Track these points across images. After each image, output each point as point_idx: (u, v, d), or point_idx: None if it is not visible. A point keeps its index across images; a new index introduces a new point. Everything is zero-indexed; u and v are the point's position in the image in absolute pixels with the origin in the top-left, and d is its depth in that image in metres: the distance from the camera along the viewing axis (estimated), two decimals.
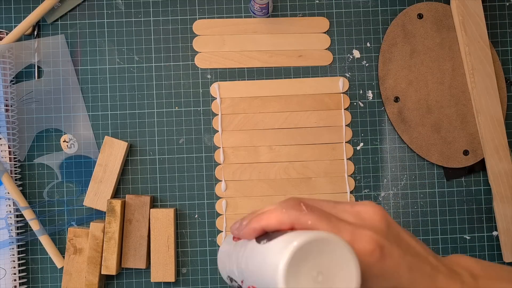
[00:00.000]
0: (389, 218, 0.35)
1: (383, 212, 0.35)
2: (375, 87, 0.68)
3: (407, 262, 0.34)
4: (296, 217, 0.33)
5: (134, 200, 0.65)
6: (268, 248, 0.33)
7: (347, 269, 0.31)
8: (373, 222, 0.34)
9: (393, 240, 0.34)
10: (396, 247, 0.34)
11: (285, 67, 0.68)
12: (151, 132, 0.67)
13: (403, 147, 0.68)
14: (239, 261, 0.38)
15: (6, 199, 0.65)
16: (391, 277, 0.34)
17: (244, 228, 0.36)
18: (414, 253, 0.35)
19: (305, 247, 0.31)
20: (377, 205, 0.35)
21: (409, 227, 0.67)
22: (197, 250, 0.66)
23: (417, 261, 0.35)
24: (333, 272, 0.32)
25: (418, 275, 0.34)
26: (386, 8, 0.68)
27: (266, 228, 0.35)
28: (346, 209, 0.35)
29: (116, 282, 0.66)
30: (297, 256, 0.31)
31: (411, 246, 0.35)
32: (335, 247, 0.31)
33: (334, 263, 0.31)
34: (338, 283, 0.31)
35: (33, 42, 0.67)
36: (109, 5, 0.68)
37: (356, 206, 0.35)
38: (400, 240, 0.35)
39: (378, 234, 0.33)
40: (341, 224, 0.33)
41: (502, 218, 0.65)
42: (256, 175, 0.67)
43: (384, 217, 0.35)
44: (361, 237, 0.33)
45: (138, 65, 0.68)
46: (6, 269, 0.64)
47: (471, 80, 0.66)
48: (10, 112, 0.66)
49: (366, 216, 0.34)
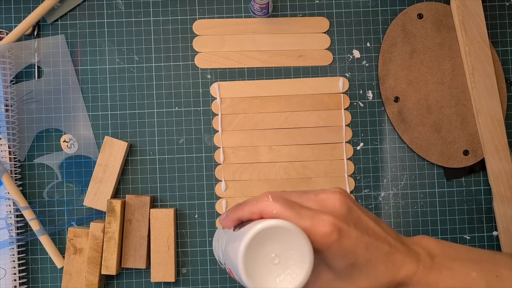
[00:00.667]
0: (350, 203, 0.39)
1: (344, 198, 0.39)
2: (375, 87, 0.68)
3: (364, 241, 0.38)
4: (263, 208, 0.38)
5: (134, 200, 0.65)
6: (236, 235, 0.38)
7: (301, 252, 0.35)
8: (334, 207, 0.38)
9: (352, 223, 0.38)
10: (354, 229, 0.37)
11: (285, 67, 0.68)
12: (151, 132, 0.67)
13: (403, 147, 0.68)
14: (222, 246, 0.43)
15: (6, 199, 0.65)
16: (349, 255, 0.37)
17: (226, 219, 0.42)
18: (373, 234, 0.39)
19: (262, 233, 0.35)
20: (338, 192, 0.39)
21: (409, 227, 0.67)
22: (197, 250, 0.66)
23: (374, 241, 0.38)
24: (288, 255, 0.36)
25: (375, 253, 0.38)
26: (386, 8, 0.68)
27: (241, 218, 0.40)
28: (310, 198, 0.39)
29: (116, 282, 0.66)
30: (254, 241, 0.35)
31: (370, 228, 0.39)
32: (290, 233, 0.35)
33: (289, 247, 0.36)
34: (293, 265, 0.36)
35: (33, 42, 0.67)
36: (109, 5, 0.68)
37: (320, 194, 0.39)
38: (359, 223, 0.38)
39: (336, 218, 0.37)
40: (303, 211, 0.37)
41: (502, 218, 0.65)
42: (256, 175, 0.67)
43: (345, 202, 0.38)
44: (320, 221, 0.36)
45: (138, 65, 0.68)
46: (6, 269, 0.64)
47: (471, 80, 0.66)
48: (10, 112, 0.66)
49: (328, 202, 0.38)
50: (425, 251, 0.41)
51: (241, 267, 0.34)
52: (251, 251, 0.35)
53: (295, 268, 0.35)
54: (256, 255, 0.35)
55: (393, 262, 0.39)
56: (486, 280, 0.40)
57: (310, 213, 0.37)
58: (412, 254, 0.40)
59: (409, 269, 0.39)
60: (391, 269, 0.39)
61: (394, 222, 0.67)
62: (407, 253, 0.40)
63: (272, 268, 0.35)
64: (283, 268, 0.36)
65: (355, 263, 0.38)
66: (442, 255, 0.41)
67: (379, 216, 0.67)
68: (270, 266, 0.35)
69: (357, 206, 0.40)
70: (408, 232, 0.67)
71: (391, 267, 0.39)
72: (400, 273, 0.39)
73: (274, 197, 0.38)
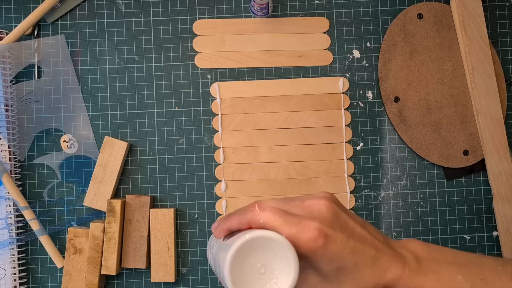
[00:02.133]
0: (335, 208, 0.39)
1: (330, 203, 0.39)
2: (375, 87, 0.68)
3: (350, 246, 0.38)
4: (251, 218, 0.38)
5: (134, 200, 0.65)
6: (225, 245, 0.39)
7: (287, 262, 0.36)
8: (320, 213, 0.38)
9: (338, 228, 0.38)
10: (340, 234, 0.38)
11: (285, 67, 0.68)
12: (151, 132, 0.67)
13: (403, 147, 0.68)
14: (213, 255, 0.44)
15: (6, 199, 0.65)
16: (335, 259, 0.38)
17: (216, 229, 0.42)
18: (359, 238, 0.39)
19: (248, 244, 0.36)
20: (324, 197, 0.40)
21: (409, 227, 0.67)
22: (197, 250, 0.66)
23: (360, 245, 0.39)
24: (274, 264, 0.36)
25: (361, 257, 0.39)
26: (386, 8, 0.68)
27: (230, 229, 0.41)
28: (297, 204, 0.40)
29: (116, 282, 0.66)
30: (241, 251, 0.35)
31: (357, 232, 0.39)
32: (276, 243, 0.36)
33: (275, 257, 0.36)
34: (279, 274, 0.36)
35: (33, 42, 0.67)
36: (109, 5, 0.68)
37: (306, 200, 0.40)
38: (345, 227, 0.39)
39: (322, 223, 0.37)
40: (289, 218, 0.37)
41: (502, 218, 0.65)
42: (256, 175, 0.67)
43: (330, 207, 0.39)
44: (305, 227, 0.37)
45: (138, 65, 0.68)
46: (6, 269, 0.64)
47: (471, 80, 0.66)
48: (10, 112, 0.66)
49: (314, 208, 0.39)
50: (412, 255, 0.41)
51: (228, 277, 0.35)
52: (238, 261, 0.35)
53: (281, 277, 0.36)
54: (243, 265, 0.36)
55: (379, 266, 0.39)
56: (471, 283, 0.41)
57: (296, 220, 0.37)
58: (398, 257, 0.41)
59: (395, 273, 0.40)
60: (377, 272, 0.39)
61: (394, 222, 0.67)
62: (394, 257, 0.40)
63: (258, 277, 0.36)
64: (269, 277, 0.36)
65: (341, 267, 0.38)
66: (429, 258, 0.42)
67: (379, 217, 0.67)
68: (257, 275, 0.36)
69: (343, 211, 0.40)
70: (408, 232, 0.67)
71: (377, 271, 0.39)
72: (386, 276, 0.40)
73: (261, 206, 0.38)
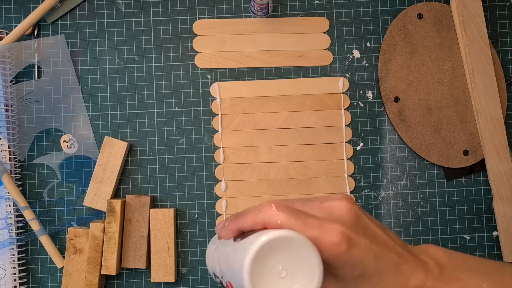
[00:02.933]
0: (357, 210, 0.37)
1: (351, 205, 0.37)
2: (375, 87, 0.68)
3: (373, 251, 0.36)
4: (267, 218, 0.36)
5: (134, 200, 0.65)
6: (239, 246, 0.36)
7: (310, 264, 0.33)
8: (341, 215, 0.36)
9: (360, 231, 0.36)
10: (362, 238, 0.35)
11: (285, 67, 0.68)
12: (151, 132, 0.67)
13: (403, 147, 0.68)
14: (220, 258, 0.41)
15: (6, 199, 0.65)
16: (358, 265, 0.35)
17: (224, 229, 0.39)
18: (381, 243, 0.37)
19: (269, 245, 0.33)
20: (345, 198, 0.37)
21: (409, 227, 0.67)
22: (197, 250, 0.66)
23: (383, 250, 0.36)
24: (296, 268, 0.33)
25: (384, 264, 0.36)
26: (386, 8, 0.68)
27: (242, 229, 0.38)
28: (316, 206, 0.37)
29: (116, 282, 0.66)
30: (261, 253, 0.33)
31: (378, 236, 0.37)
32: (297, 244, 0.33)
33: (297, 259, 0.33)
34: (301, 279, 0.33)
35: (33, 42, 0.67)
36: (109, 5, 0.68)
37: (325, 201, 0.37)
38: (367, 231, 0.36)
39: (344, 226, 0.35)
40: (309, 220, 0.35)
41: (502, 218, 0.65)
42: (256, 175, 0.67)
43: (352, 209, 0.37)
44: (328, 230, 0.34)
45: (138, 65, 0.68)
46: (6, 269, 0.64)
47: (471, 80, 0.66)
48: (10, 112, 0.66)
49: (335, 210, 0.36)
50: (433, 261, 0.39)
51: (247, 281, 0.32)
52: (257, 264, 0.33)
53: (304, 281, 0.33)
54: (262, 268, 0.33)
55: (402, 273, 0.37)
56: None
57: (317, 222, 0.35)
58: (420, 264, 0.38)
59: (418, 280, 0.38)
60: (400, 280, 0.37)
61: (394, 222, 0.67)
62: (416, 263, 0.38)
63: (279, 281, 0.33)
64: (291, 281, 0.33)
65: (363, 273, 0.36)
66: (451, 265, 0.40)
67: (379, 217, 0.67)
68: (277, 279, 0.33)
69: (364, 214, 0.38)
70: (408, 232, 0.67)
71: (400, 278, 0.37)
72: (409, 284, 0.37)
73: (278, 206, 0.36)
